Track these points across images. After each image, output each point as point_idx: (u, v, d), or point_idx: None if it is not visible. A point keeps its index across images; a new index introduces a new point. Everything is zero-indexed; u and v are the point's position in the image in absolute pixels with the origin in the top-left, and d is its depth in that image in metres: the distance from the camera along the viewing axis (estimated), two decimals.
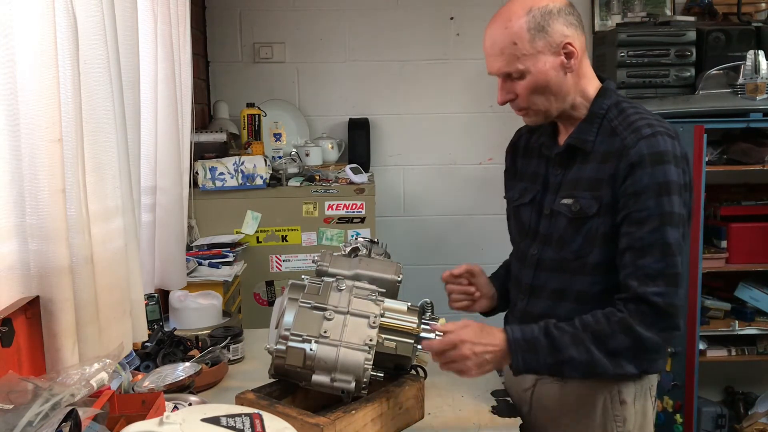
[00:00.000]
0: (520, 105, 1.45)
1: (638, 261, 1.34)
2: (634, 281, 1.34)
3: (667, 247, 1.33)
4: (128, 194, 1.62)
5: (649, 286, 1.33)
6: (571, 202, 1.43)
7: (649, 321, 1.33)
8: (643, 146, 1.35)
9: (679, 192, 1.35)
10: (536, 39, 1.37)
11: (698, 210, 2.68)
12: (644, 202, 1.34)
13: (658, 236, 1.33)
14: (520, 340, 1.37)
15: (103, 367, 1.19)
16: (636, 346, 1.34)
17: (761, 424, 3.10)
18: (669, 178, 1.34)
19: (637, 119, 1.41)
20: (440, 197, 3.60)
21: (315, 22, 3.49)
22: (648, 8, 3.44)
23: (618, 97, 1.47)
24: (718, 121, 2.82)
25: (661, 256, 1.33)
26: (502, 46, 1.39)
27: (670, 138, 1.37)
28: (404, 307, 1.51)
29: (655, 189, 1.34)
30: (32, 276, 1.26)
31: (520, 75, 1.40)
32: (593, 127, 1.44)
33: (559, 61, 1.40)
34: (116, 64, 1.56)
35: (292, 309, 1.42)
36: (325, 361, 1.38)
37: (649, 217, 1.34)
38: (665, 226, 1.33)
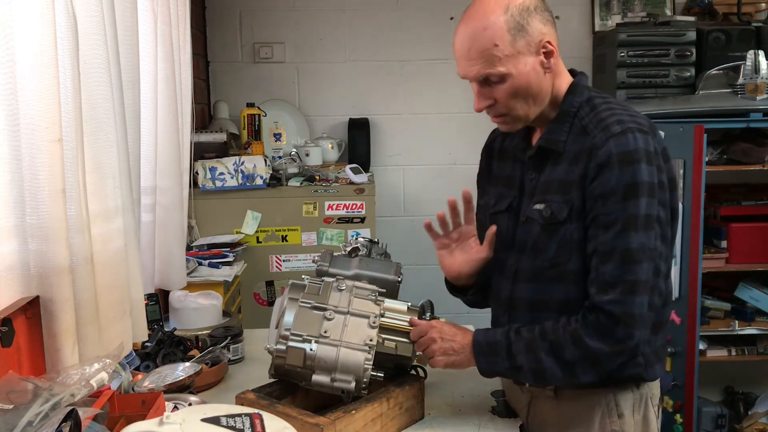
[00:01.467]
0: (499, 110, 1.38)
1: (600, 267, 1.29)
2: (593, 288, 1.30)
3: (627, 253, 1.27)
4: (128, 194, 1.62)
5: (604, 295, 1.28)
6: (543, 207, 1.37)
7: (602, 332, 1.28)
8: (612, 145, 1.28)
9: (649, 193, 1.28)
10: (517, 39, 1.30)
11: (698, 210, 2.68)
12: (611, 205, 1.28)
13: (619, 242, 1.27)
14: (482, 344, 1.39)
15: (103, 367, 1.19)
16: (587, 358, 1.30)
17: (761, 424, 3.10)
18: (638, 179, 1.27)
19: (608, 116, 1.33)
20: (440, 197, 3.56)
21: (315, 22, 3.49)
22: (648, 8, 3.44)
23: (590, 93, 1.39)
24: (718, 121, 2.82)
25: (620, 263, 1.27)
26: (481, 49, 1.31)
27: (642, 134, 1.29)
28: (404, 307, 1.51)
29: (621, 191, 1.27)
30: (32, 276, 1.26)
31: (501, 78, 1.32)
32: (564, 127, 1.37)
33: (538, 61, 1.33)
34: (116, 64, 1.56)
35: (292, 309, 1.42)
36: (325, 361, 1.38)
37: (615, 221, 1.27)
38: (628, 231, 1.27)
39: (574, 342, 1.30)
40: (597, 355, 1.29)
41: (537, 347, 1.33)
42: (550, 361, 1.32)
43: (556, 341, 1.32)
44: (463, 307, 3.68)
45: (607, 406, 1.40)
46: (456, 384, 1.66)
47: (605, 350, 1.29)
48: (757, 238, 3.00)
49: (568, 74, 1.42)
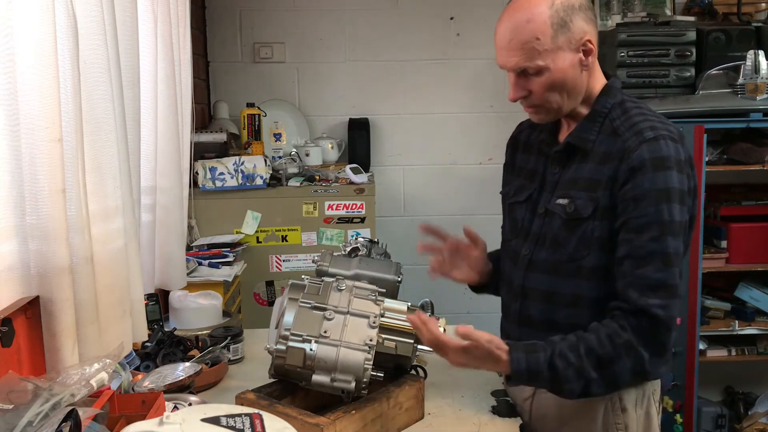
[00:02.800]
0: (533, 102, 1.40)
1: (638, 270, 1.30)
2: (634, 292, 1.30)
3: (667, 257, 1.29)
4: (128, 194, 1.62)
5: (650, 298, 1.28)
6: (567, 203, 1.39)
7: (647, 337, 1.29)
8: (645, 150, 1.31)
9: (680, 199, 1.31)
10: (558, 35, 1.32)
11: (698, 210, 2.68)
12: (644, 208, 1.30)
13: (658, 245, 1.29)
14: (524, 373, 1.31)
15: (103, 367, 1.19)
16: (637, 367, 1.31)
17: (761, 424, 3.09)
18: (670, 185, 1.30)
19: (641, 121, 1.36)
20: (440, 197, 3.60)
21: (315, 22, 3.49)
22: (648, 8, 3.44)
23: (623, 96, 1.42)
24: (718, 121, 2.82)
25: (662, 266, 1.29)
26: (523, 41, 1.32)
27: (673, 142, 1.33)
28: (404, 307, 1.51)
29: (655, 195, 1.29)
30: (32, 276, 1.26)
31: (538, 71, 1.34)
32: (595, 126, 1.40)
33: (577, 59, 1.35)
34: (116, 64, 1.56)
35: (292, 309, 1.42)
36: (325, 361, 1.38)
37: (649, 224, 1.29)
38: (666, 235, 1.29)
39: (628, 353, 1.29)
40: (647, 364, 1.30)
41: (587, 371, 1.30)
42: (598, 377, 1.30)
43: (605, 356, 1.29)
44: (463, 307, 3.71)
45: (610, 400, 1.41)
46: (456, 384, 1.66)
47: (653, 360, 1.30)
48: (757, 238, 3.00)
49: (602, 75, 1.44)
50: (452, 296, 3.63)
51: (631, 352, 1.29)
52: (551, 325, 1.42)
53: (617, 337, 1.29)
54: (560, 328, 1.39)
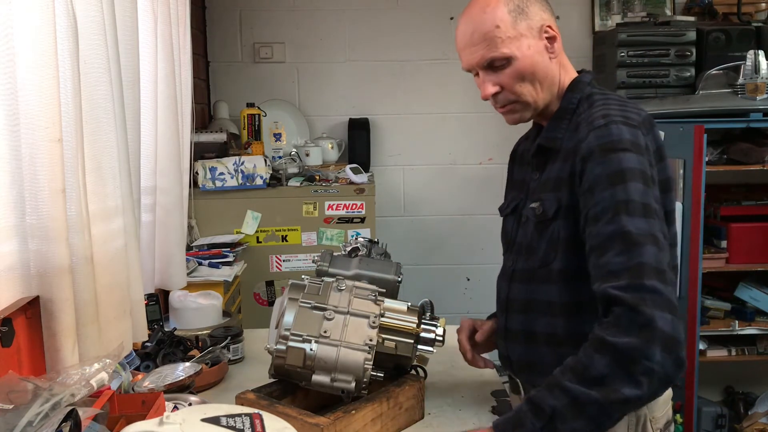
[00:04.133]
0: (507, 98, 1.34)
1: (599, 260, 1.17)
2: (597, 281, 1.17)
3: (626, 236, 1.14)
4: (128, 194, 1.62)
5: (611, 282, 1.14)
6: (536, 206, 1.34)
7: (622, 323, 1.11)
8: (593, 137, 1.23)
9: (643, 180, 1.18)
10: (518, 21, 1.30)
11: (698, 210, 2.68)
12: (598, 195, 1.19)
13: (614, 227, 1.16)
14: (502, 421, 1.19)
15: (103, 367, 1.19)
16: (617, 360, 1.10)
17: (761, 424, 3.09)
18: (624, 166, 1.18)
19: (597, 111, 1.28)
20: (440, 197, 3.60)
21: (315, 22, 3.49)
22: (648, 8, 3.44)
23: (591, 89, 1.36)
24: (718, 121, 2.82)
25: (622, 247, 1.14)
26: (484, 32, 1.30)
27: (628, 126, 1.23)
28: (404, 307, 1.51)
29: (606, 180, 1.19)
30: (32, 276, 1.26)
31: (506, 61, 1.30)
32: (563, 124, 1.34)
33: (542, 45, 1.32)
34: (116, 64, 1.56)
35: (292, 309, 1.42)
36: (325, 361, 1.38)
37: (604, 210, 1.18)
38: (620, 214, 1.16)
39: (597, 349, 1.12)
40: (625, 352, 1.09)
41: (558, 381, 1.14)
42: (579, 386, 1.11)
43: (577, 363, 1.14)
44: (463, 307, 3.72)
45: None
46: (456, 384, 1.66)
47: (633, 342, 1.09)
48: (757, 238, 3.01)
49: (573, 71, 1.40)
50: (452, 296, 3.64)
51: (600, 346, 1.12)
52: (530, 336, 1.38)
53: (588, 341, 1.15)
54: (538, 340, 1.36)
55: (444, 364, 1.74)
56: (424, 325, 1.52)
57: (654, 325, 1.09)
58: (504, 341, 1.47)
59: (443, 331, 1.53)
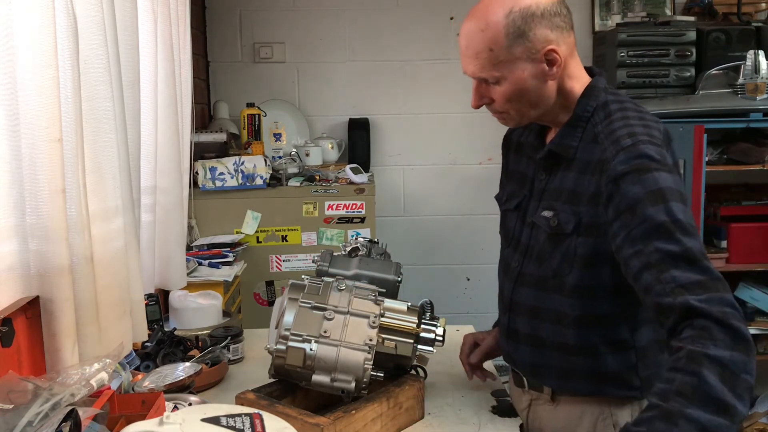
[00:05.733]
0: (496, 109, 1.35)
1: (662, 276, 1.11)
2: (668, 297, 1.09)
3: (689, 252, 1.11)
4: (128, 194, 1.62)
5: (687, 295, 1.07)
6: (551, 216, 1.31)
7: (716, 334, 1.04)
8: (624, 158, 1.19)
9: (681, 199, 1.16)
10: (514, 45, 1.24)
11: (698, 210, 2.68)
12: (642, 213, 1.15)
13: (675, 245, 1.11)
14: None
15: (103, 367, 1.19)
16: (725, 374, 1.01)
17: (761, 424, 3.09)
18: (662, 185, 1.16)
19: (620, 127, 1.25)
20: (440, 197, 3.60)
21: (315, 22, 3.49)
22: (648, 8, 3.44)
23: (607, 96, 1.32)
24: (718, 121, 2.82)
25: (687, 264, 1.10)
26: (477, 50, 1.27)
27: (654, 146, 1.20)
28: (404, 307, 1.51)
29: (650, 198, 1.15)
30: (32, 276, 1.26)
31: (496, 81, 1.28)
32: (577, 132, 1.31)
33: (539, 69, 1.26)
34: (116, 64, 1.56)
35: (292, 309, 1.42)
36: (325, 361, 1.38)
37: (655, 228, 1.13)
38: (676, 233, 1.12)
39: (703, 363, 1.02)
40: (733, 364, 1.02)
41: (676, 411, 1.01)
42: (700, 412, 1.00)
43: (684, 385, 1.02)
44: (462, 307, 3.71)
45: (601, 414, 1.37)
46: (456, 384, 1.66)
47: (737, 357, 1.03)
48: (757, 238, 3.01)
49: (585, 75, 1.35)
50: (452, 296, 3.64)
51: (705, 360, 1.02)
52: (537, 341, 1.39)
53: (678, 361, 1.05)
54: (546, 345, 1.37)
55: (444, 364, 1.74)
56: (424, 325, 1.52)
57: (747, 339, 1.05)
58: (505, 339, 1.47)
59: (443, 331, 1.53)
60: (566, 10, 1.29)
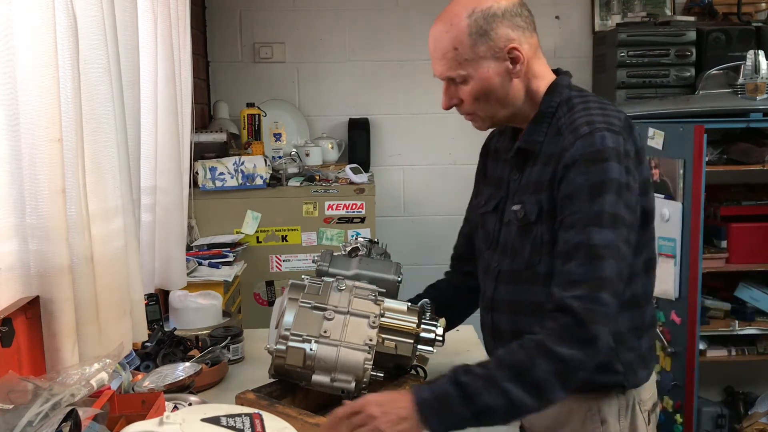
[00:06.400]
0: (465, 110, 1.39)
1: (563, 267, 1.23)
2: (557, 287, 1.23)
3: (592, 249, 1.20)
4: (128, 194, 1.62)
5: (568, 291, 1.20)
6: (518, 209, 1.35)
7: (568, 335, 1.18)
8: (579, 146, 1.25)
9: (617, 191, 1.23)
10: (478, 44, 1.29)
11: (698, 210, 2.68)
12: (576, 204, 1.24)
13: (582, 238, 1.21)
14: (429, 400, 1.18)
15: (103, 367, 1.19)
16: (559, 369, 1.17)
17: (761, 424, 3.09)
18: (605, 177, 1.22)
19: (580, 116, 1.30)
20: (440, 197, 3.60)
21: (315, 22, 3.49)
22: (648, 8, 3.44)
23: (570, 92, 1.36)
24: (718, 121, 2.82)
25: (586, 259, 1.20)
26: (443, 51, 1.32)
27: (611, 133, 1.25)
28: (404, 307, 1.51)
29: (587, 190, 1.23)
30: (32, 276, 1.26)
31: (463, 80, 1.32)
32: (542, 128, 1.35)
33: (504, 67, 1.31)
34: (116, 64, 1.56)
35: (292, 309, 1.42)
36: (325, 361, 1.38)
37: (578, 220, 1.23)
38: (590, 227, 1.21)
39: (542, 355, 1.18)
40: (567, 362, 1.17)
41: (497, 379, 1.18)
42: (516, 388, 1.16)
43: (518, 364, 1.19)
44: None
45: (589, 411, 1.37)
46: None
47: (576, 356, 1.17)
48: (757, 238, 3.00)
49: (551, 74, 1.39)
50: None
51: (546, 353, 1.17)
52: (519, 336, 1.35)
53: (529, 342, 1.21)
54: None
55: (444, 364, 1.74)
56: (424, 325, 1.52)
57: (597, 342, 1.19)
58: (491, 339, 1.47)
59: (443, 331, 1.53)
60: (527, 12, 1.34)
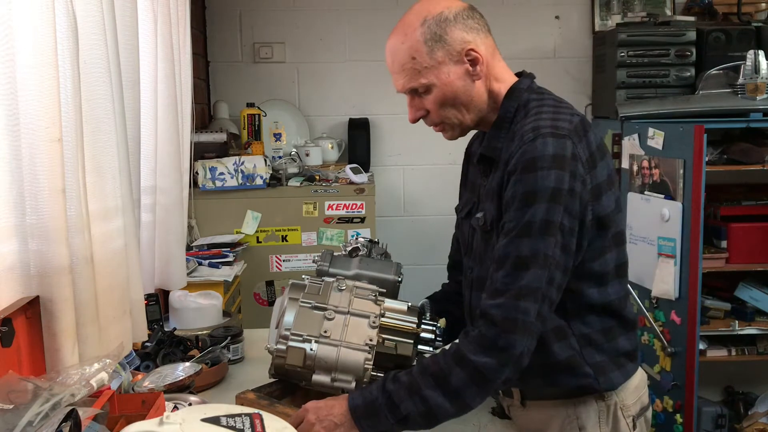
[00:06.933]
0: (433, 120, 1.38)
1: (493, 275, 1.24)
2: (484, 295, 1.25)
3: (518, 259, 1.21)
4: (128, 194, 1.62)
5: (491, 299, 1.23)
6: (480, 216, 1.36)
7: (485, 342, 1.21)
8: (519, 153, 1.24)
9: (551, 198, 1.21)
10: (435, 50, 1.29)
11: (698, 210, 2.68)
12: (511, 212, 1.24)
13: (511, 248, 1.22)
14: (360, 407, 1.27)
15: (103, 367, 1.19)
16: (473, 376, 1.21)
17: (761, 424, 3.09)
18: (537, 186, 1.21)
19: (530, 122, 1.28)
20: (440, 197, 3.60)
21: (315, 22, 3.49)
22: (648, 8, 3.44)
23: (530, 96, 1.34)
24: (718, 121, 2.82)
25: (511, 269, 1.22)
26: (402, 62, 1.32)
27: (555, 138, 1.23)
28: (404, 307, 1.51)
29: (520, 199, 1.23)
30: (32, 276, 1.26)
31: (426, 89, 1.32)
32: (501, 133, 1.34)
33: (463, 70, 1.31)
34: (116, 64, 1.56)
35: (292, 309, 1.42)
36: (325, 360, 1.38)
37: (510, 229, 1.23)
38: (521, 237, 1.21)
39: (458, 362, 1.22)
40: (481, 370, 1.21)
41: (419, 386, 1.24)
42: (437, 395, 1.22)
43: (439, 371, 1.24)
44: None
45: (567, 417, 1.37)
46: None
47: (490, 364, 1.20)
48: (757, 238, 3.00)
49: (512, 77, 1.38)
50: None
51: (461, 361, 1.22)
52: None
53: (450, 349, 1.24)
54: None
55: None
56: (424, 325, 1.52)
57: (512, 350, 1.20)
58: None
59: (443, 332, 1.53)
60: (479, 15, 1.33)
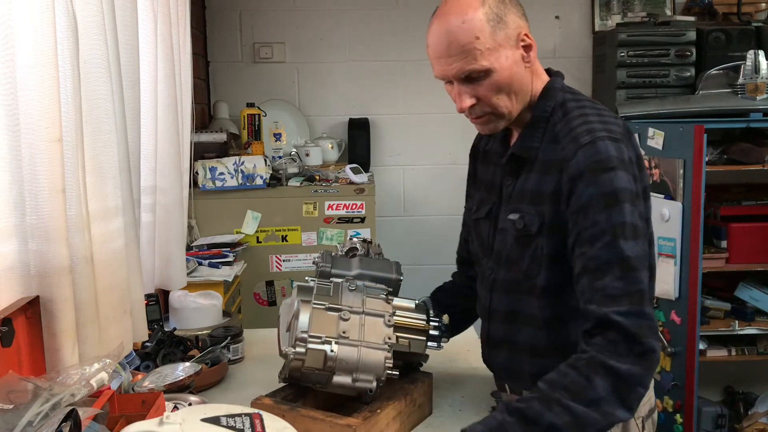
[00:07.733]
0: (483, 109, 1.30)
1: (595, 283, 1.17)
2: (593, 305, 1.17)
3: (625, 262, 1.16)
4: (128, 194, 1.62)
5: (609, 307, 1.15)
6: (516, 218, 1.31)
7: (621, 349, 1.13)
8: (582, 156, 1.21)
9: (631, 200, 1.19)
10: (497, 31, 1.23)
11: (698, 210, 2.68)
12: (593, 216, 1.18)
13: (613, 252, 1.17)
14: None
15: (103, 367, 1.19)
16: (617, 384, 1.12)
17: (761, 424, 3.09)
18: (617, 186, 1.18)
19: (579, 124, 1.26)
20: (440, 197, 3.60)
21: (315, 22, 3.49)
22: (648, 8, 3.44)
23: (564, 95, 1.33)
24: (718, 121, 2.82)
25: (620, 273, 1.16)
26: (463, 43, 1.23)
27: (613, 142, 1.21)
28: (412, 304, 1.51)
29: (602, 200, 1.18)
30: (32, 276, 1.26)
31: (485, 73, 1.25)
32: (537, 133, 1.31)
33: (519, 55, 1.27)
34: (116, 64, 1.56)
35: (306, 311, 1.38)
36: (346, 361, 1.35)
37: (601, 232, 1.17)
38: (619, 239, 1.17)
39: (596, 371, 1.13)
40: (626, 377, 1.13)
41: (558, 398, 1.13)
42: (579, 407, 1.11)
43: (572, 384, 1.13)
44: None
45: None
46: (456, 384, 1.66)
47: (633, 369, 1.13)
48: (757, 238, 3.00)
49: (545, 75, 1.36)
50: None
51: (601, 368, 1.13)
52: (513, 345, 1.39)
53: (578, 361, 1.16)
54: (520, 349, 1.37)
55: (444, 363, 1.74)
56: (432, 322, 1.52)
57: (652, 355, 1.15)
58: (486, 347, 1.47)
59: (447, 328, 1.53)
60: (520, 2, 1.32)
